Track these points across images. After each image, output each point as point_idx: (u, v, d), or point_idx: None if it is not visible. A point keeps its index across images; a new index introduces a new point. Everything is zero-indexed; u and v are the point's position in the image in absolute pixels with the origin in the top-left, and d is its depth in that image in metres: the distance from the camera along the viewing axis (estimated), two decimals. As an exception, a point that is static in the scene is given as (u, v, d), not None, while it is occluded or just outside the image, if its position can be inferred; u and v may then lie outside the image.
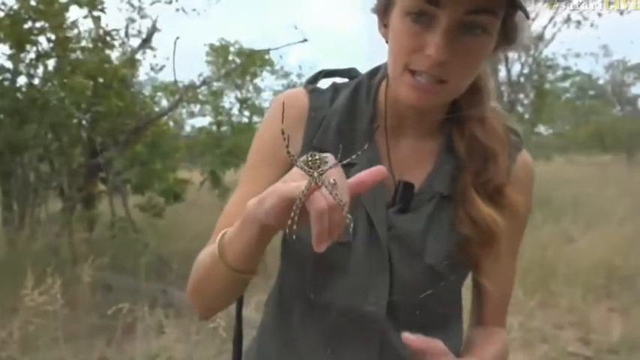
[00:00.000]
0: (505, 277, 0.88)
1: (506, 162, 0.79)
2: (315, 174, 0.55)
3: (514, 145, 0.83)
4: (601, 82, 25.13)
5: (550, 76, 12.84)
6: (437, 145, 0.82)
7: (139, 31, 7.40)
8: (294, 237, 0.56)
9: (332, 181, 0.55)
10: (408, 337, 0.69)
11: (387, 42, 0.77)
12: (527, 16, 0.70)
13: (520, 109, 12.27)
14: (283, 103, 0.83)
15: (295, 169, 0.60)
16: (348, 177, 0.67)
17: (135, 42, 7.17)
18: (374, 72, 0.86)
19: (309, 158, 0.56)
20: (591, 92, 27.14)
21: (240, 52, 10.61)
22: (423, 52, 0.68)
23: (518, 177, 0.82)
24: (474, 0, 0.67)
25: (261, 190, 0.72)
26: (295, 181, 0.58)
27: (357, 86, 0.84)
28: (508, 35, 0.75)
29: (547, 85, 13.20)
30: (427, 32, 0.68)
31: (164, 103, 9.94)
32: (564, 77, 13.34)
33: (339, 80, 0.89)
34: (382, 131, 0.81)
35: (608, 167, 15.62)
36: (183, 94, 6.03)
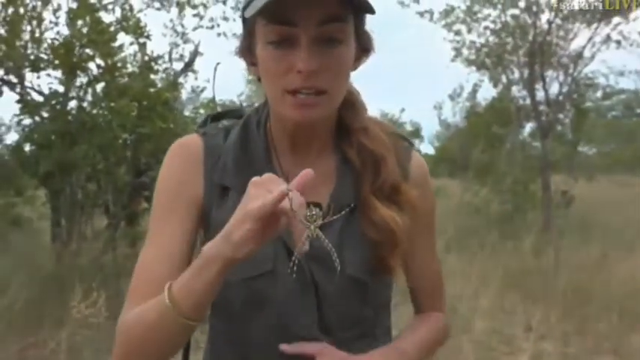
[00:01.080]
0: (429, 269, 0.96)
1: (395, 163, 0.85)
2: (312, 227, 0.64)
3: (404, 148, 0.91)
4: (648, 99, 24.34)
5: (592, 95, 12.58)
6: (334, 161, 0.87)
7: (182, 55, 7.74)
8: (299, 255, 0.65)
9: (318, 234, 0.64)
10: (285, 347, 0.77)
11: (258, 80, 0.83)
12: (372, 12, 0.76)
13: (560, 128, 12.07)
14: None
15: (248, 192, 0.65)
16: None
17: (177, 65, 7.51)
18: (260, 106, 0.91)
19: (308, 213, 0.64)
20: (638, 110, 26.32)
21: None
22: (294, 71, 0.75)
23: (414, 174, 0.89)
24: (322, 11, 0.73)
25: (174, 238, 0.81)
26: (256, 203, 0.63)
27: (246, 121, 0.89)
28: (363, 45, 0.83)
29: (588, 104, 12.92)
30: (292, 53, 0.74)
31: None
32: (605, 96, 13.03)
33: (227, 121, 0.95)
34: (276, 159, 0.86)
35: (654, 188, 15.07)
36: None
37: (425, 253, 0.95)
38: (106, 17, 6.02)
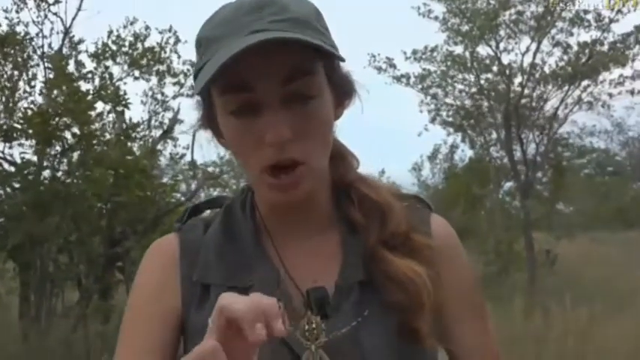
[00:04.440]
0: (478, 349, 0.74)
1: (404, 214, 0.71)
2: (313, 347, 0.48)
3: (420, 209, 0.77)
4: (618, 158, 25.07)
5: (567, 154, 12.90)
6: (337, 233, 0.73)
7: (161, 123, 7.73)
8: None
9: (322, 357, 0.48)
10: None
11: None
12: (341, 59, 0.66)
13: (539, 187, 12.25)
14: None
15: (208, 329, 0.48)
16: None
17: (157, 133, 7.48)
18: (243, 189, 0.79)
19: (306, 327, 0.49)
20: (609, 169, 27.00)
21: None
22: (264, 143, 0.62)
23: (437, 236, 0.74)
24: (281, 70, 0.61)
25: (145, 355, 0.68)
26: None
27: (228, 207, 0.77)
28: (342, 89, 0.71)
29: (564, 163, 13.23)
30: (257, 121, 0.63)
31: (184, 186, 10.10)
32: (580, 155, 13.37)
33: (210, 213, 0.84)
34: (270, 243, 0.73)
35: (634, 244, 15.20)
36: (202, 184, 6.16)
37: (473, 339, 0.74)
38: (85, 87, 6.01)
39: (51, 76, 5.78)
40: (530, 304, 6.70)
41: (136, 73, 7.83)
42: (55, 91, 5.24)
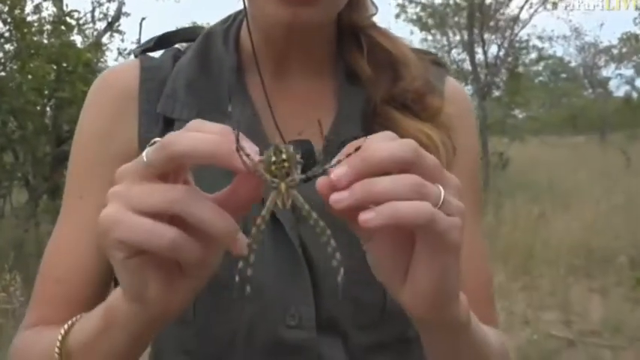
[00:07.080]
0: (474, 251, 0.63)
1: (420, 70, 0.62)
2: (283, 186, 0.34)
3: (436, 68, 0.66)
4: (573, 64, 25.43)
5: (525, 59, 12.90)
6: (334, 82, 0.63)
7: (106, 15, 7.14)
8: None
9: (295, 198, 0.36)
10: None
11: None
12: None
13: (496, 92, 12.32)
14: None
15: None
16: None
17: (102, 26, 6.93)
18: (227, 19, 0.67)
19: (274, 158, 0.35)
20: (563, 75, 27.44)
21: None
22: None
23: (450, 98, 0.64)
24: None
25: (91, 217, 0.54)
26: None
27: (206, 36, 0.64)
28: None
29: (520, 69, 13.27)
30: None
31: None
32: (539, 59, 13.40)
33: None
34: (256, 82, 0.61)
35: (581, 148, 15.83)
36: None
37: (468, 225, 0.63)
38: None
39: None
40: (484, 202, 6.93)
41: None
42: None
